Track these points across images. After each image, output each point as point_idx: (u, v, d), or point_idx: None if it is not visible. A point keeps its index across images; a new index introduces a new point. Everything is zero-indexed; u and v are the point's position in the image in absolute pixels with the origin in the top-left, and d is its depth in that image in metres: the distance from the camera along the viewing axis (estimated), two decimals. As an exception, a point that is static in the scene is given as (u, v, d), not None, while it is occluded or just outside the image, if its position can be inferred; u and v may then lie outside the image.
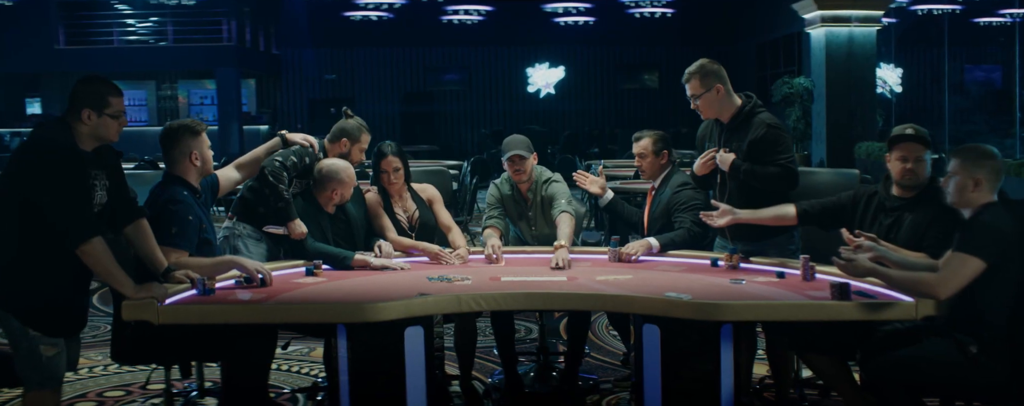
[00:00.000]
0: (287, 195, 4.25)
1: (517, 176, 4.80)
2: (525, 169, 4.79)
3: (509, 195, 4.92)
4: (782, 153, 4.18)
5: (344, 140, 4.54)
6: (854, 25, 13.26)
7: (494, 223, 4.86)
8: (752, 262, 4.21)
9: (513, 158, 4.77)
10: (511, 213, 4.93)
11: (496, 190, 4.96)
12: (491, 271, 4.13)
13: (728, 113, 4.30)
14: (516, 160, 4.77)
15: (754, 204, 4.16)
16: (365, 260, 4.19)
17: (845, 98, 12.84)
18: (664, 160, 4.80)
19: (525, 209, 4.90)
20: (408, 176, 4.71)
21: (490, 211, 4.91)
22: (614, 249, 4.40)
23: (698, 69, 4.26)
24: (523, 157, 4.77)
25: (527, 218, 4.90)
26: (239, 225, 4.41)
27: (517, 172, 4.79)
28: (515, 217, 4.93)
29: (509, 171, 4.82)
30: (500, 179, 5.00)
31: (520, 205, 4.91)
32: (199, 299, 3.53)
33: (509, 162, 4.79)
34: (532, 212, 4.88)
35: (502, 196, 4.92)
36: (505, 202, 4.92)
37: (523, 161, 4.78)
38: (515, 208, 4.92)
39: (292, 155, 4.34)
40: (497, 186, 4.97)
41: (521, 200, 4.90)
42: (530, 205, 4.88)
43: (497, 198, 4.92)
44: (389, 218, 4.61)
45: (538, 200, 4.87)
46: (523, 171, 4.79)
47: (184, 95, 22.72)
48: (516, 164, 4.78)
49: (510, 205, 4.91)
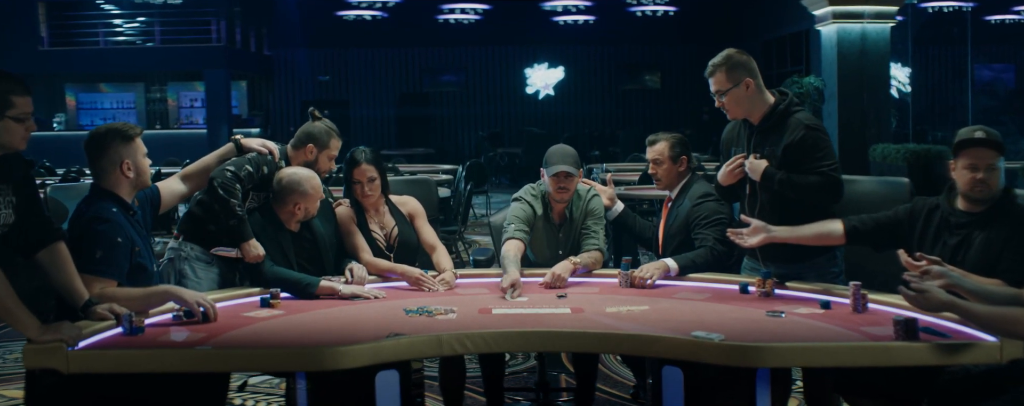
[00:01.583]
0: (240, 211, 3.61)
1: (560, 194, 4.11)
2: (570, 189, 4.12)
3: (540, 215, 4.20)
4: (824, 159, 3.55)
5: (310, 146, 3.90)
6: (867, 21, 12.73)
7: (520, 236, 4.07)
8: (789, 288, 3.58)
9: (560, 175, 4.07)
10: (536, 236, 4.21)
11: (530, 208, 4.18)
12: (480, 301, 3.49)
13: (759, 112, 3.66)
14: (562, 178, 4.08)
15: (790, 219, 3.52)
16: (332, 287, 3.56)
17: (858, 98, 12.30)
18: (683, 167, 4.17)
19: (555, 231, 4.21)
20: (385, 187, 4.07)
21: (516, 223, 4.12)
22: (625, 272, 3.76)
23: (724, 60, 3.63)
24: (571, 175, 4.08)
25: (556, 242, 4.19)
26: (186, 246, 3.78)
27: (561, 191, 4.10)
28: (541, 240, 4.22)
29: (552, 188, 4.11)
30: (530, 193, 4.23)
31: (550, 227, 4.21)
32: (124, 340, 2.91)
33: (554, 179, 4.09)
34: (563, 233, 4.19)
35: (535, 212, 4.18)
36: (535, 221, 4.19)
37: (570, 179, 4.09)
38: (544, 230, 4.21)
39: (247, 164, 3.70)
40: (531, 203, 4.20)
41: (552, 220, 4.21)
42: (562, 225, 4.20)
43: (529, 217, 4.16)
44: (363, 236, 3.98)
45: (575, 220, 4.18)
46: (568, 190, 4.11)
47: (173, 98, 22.24)
48: (562, 182, 4.08)
49: (537, 226, 4.20)
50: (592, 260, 4.07)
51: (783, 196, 3.59)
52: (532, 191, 4.24)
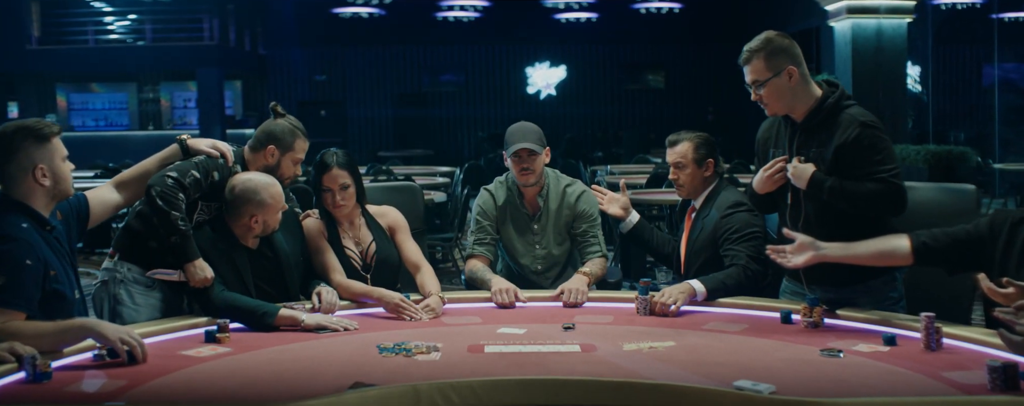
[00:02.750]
0: (183, 226, 3.02)
1: (524, 177, 3.66)
2: (535, 168, 3.65)
3: (506, 204, 3.75)
4: (883, 163, 2.96)
5: (271, 148, 3.30)
6: (883, 16, 12.19)
7: (481, 252, 3.70)
8: (841, 317, 2.98)
9: (520, 153, 3.62)
10: (506, 230, 3.76)
11: (489, 198, 3.79)
12: (471, 335, 2.89)
13: (804, 107, 3.07)
14: (524, 156, 3.62)
15: (840, 234, 2.92)
16: (294, 317, 2.96)
17: (873, 97, 11.74)
18: (709, 171, 3.58)
19: (528, 222, 3.73)
20: (361, 195, 3.48)
21: (477, 233, 3.74)
22: (643, 297, 3.16)
23: (763, 44, 3.03)
24: (533, 152, 3.62)
25: (530, 233, 3.73)
26: (122, 266, 3.19)
27: (524, 172, 3.65)
28: (511, 235, 3.76)
29: (514, 170, 3.68)
30: (495, 184, 3.83)
31: (521, 217, 3.75)
32: (24, 389, 2.33)
33: (515, 158, 3.65)
34: (538, 225, 3.70)
35: (496, 206, 3.76)
36: (501, 215, 3.75)
37: (533, 158, 3.63)
38: (513, 222, 3.76)
39: (193, 169, 3.10)
40: (491, 192, 3.80)
41: (523, 210, 3.74)
42: (537, 216, 3.71)
43: (490, 209, 3.76)
44: (335, 253, 3.39)
45: (551, 211, 3.72)
46: (532, 171, 3.65)
47: (167, 98, 21.82)
48: (524, 161, 3.64)
49: (506, 218, 3.75)
50: (600, 269, 3.63)
51: (832, 207, 3.00)
52: (499, 180, 3.82)
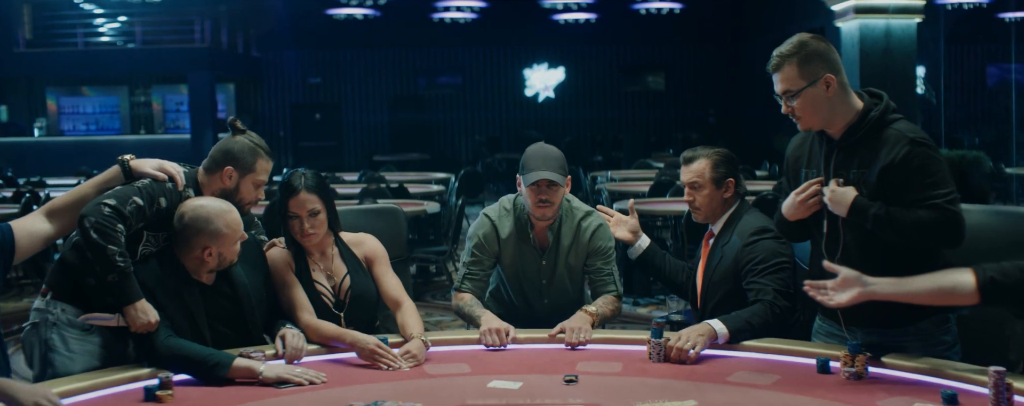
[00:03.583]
0: (122, 262, 2.59)
1: (541, 210, 3.18)
2: (554, 201, 3.18)
3: (512, 237, 3.27)
4: (937, 186, 2.54)
5: (228, 169, 2.87)
6: (891, 16, 11.82)
7: (470, 288, 3.25)
8: (887, 365, 2.57)
9: (540, 184, 3.14)
10: (509, 264, 3.29)
11: (491, 230, 3.28)
12: (459, 388, 2.48)
13: (842, 121, 2.65)
14: (544, 187, 3.15)
15: (886, 268, 2.50)
16: (251, 368, 2.54)
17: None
18: (729, 192, 3.16)
19: (536, 257, 3.27)
20: (334, 222, 3.05)
21: (471, 266, 3.27)
22: (657, 341, 2.74)
23: (796, 48, 2.61)
24: (555, 185, 3.15)
25: (536, 269, 3.28)
26: (56, 306, 2.76)
27: (542, 205, 3.17)
28: (514, 269, 3.30)
29: (530, 201, 3.19)
30: (498, 210, 3.32)
31: (528, 251, 3.28)
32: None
33: (534, 189, 3.16)
34: (546, 261, 3.26)
35: (499, 239, 3.27)
36: (503, 249, 3.28)
37: (554, 190, 3.16)
38: (518, 256, 3.28)
39: (135, 195, 2.68)
40: (494, 222, 3.29)
41: (531, 243, 3.27)
42: (546, 251, 3.27)
43: (491, 242, 3.27)
44: (303, 289, 2.96)
45: (563, 248, 3.27)
46: (551, 204, 3.18)
47: (158, 101, 21.51)
48: (543, 192, 3.15)
49: (510, 251, 3.28)
50: (610, 310, 3.19)
51: (876, 236, 2.59)
52: (504, 206, 3.31)
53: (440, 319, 6.68)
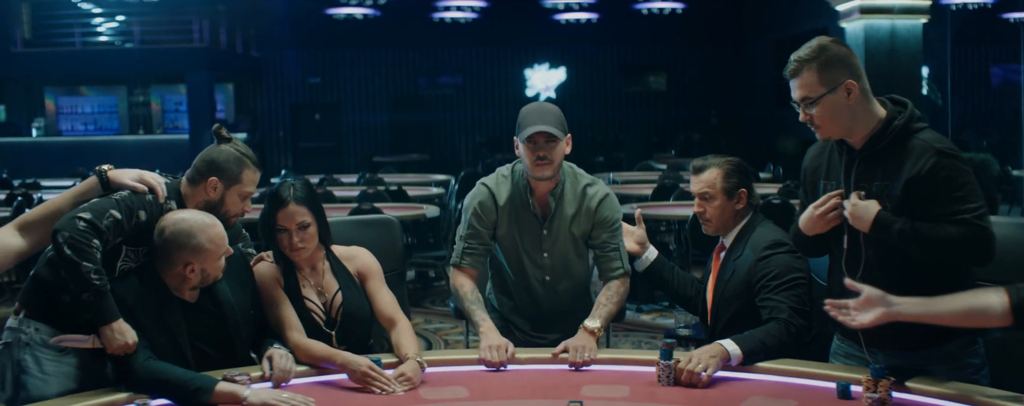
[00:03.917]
0: (97, 280, 2.43)
1: (539, 168, 2.98)
2: (553, 158, 2.98)
3: (510, 203, 3.08)
4: (965, 201, 2.38)
5: (213, 180, 2.71)
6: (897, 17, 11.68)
7: (470, 264, 3.07)
8: (911, 390, 2.41)
9: (536, 138, 2.96)
10: (507, 234, 3.09)
11: (489, 196, 3.10)
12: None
13: (864, 130, 2.50)
14: (541, 142, 2.97)
15: (910, 286, 2.35)
16: (234, 393, 2.39)
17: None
18: (741, 203, 3.00)
19: (536, 226, 3.07)
20: (325, 235, 2.89)
21: (469, 239, 3.08)
22: (666, 363, 2.58)
23: (816, 53, 2.46)
24: (553, 138, 2.97)
25: (537, 239, 3.08)
26: (29, 325, 2.61)
27: (540, 163, 2.97)
28: (513, 240, 3.09)
29: (528, 159, 3.00)
30: (495, 177, 3.15)
31: (528, 219, 3.08)
32: None
33: (530, 144, 2.98)
34: (548, 230, 3.06)
35: (497, 206, 3.09)
36: (501, 217, 3.09)
37: (552, 145, 2.97)
38: (517, 224, 3.08)
39: (113, 208, 2.52)
40: (491, 189, 3.11)
41: (531, 210, 3.08)
42: (547, 219, 3.07)
43: (489, 209, 3.08)
44: (293, 306, 2.80)
45: (566, 216, 3.07)
46: (550, 161, 2.98)
47: (157, 101, 21.39)
48: (541, 148, 2.97)
49: (508, 219, 3.08)
50: (616, 304, 3.04)
51: (899, 252, 2.43)
52: (502, 173, 3.13)
53: (439, 326, 6.54)
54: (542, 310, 3.18)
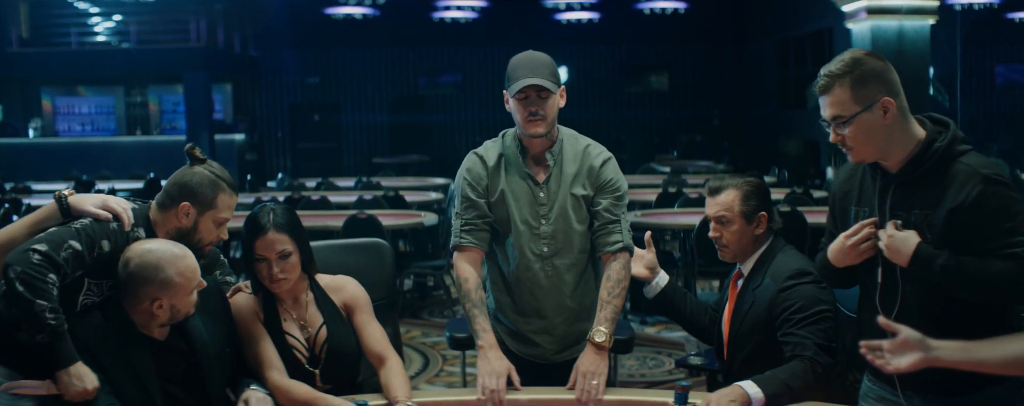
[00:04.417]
0: (53, 320, 2.20)
1: (532, 125, 2.71)
2: (547, 113, 2.71)
3: (501, 165, 2.80)
4: (1017, 233, 2.15)
5: (185, 205, 2.47)
6: (904, 17, 11.52)
7: (472, 242, 2.78)
8: (955, 443, 2.18)
9: (527, 91, 2.71)
10: (501, 200, 2.78)
11: (478, 163, 2.82)
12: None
13: (902, 153, 2.26)
14: (532, 95, 2.71)
15: (951, 326, 2.11)
16: (205, 445, 2.16)
17: (894, 106, 11.03)
18: (760, 228, 2.77)
19: (532, 188, 2.78)
20: (309, 264, 2.65)
21: (465, 214, 2.79)
22: (683, 407, 2.35)
23: (849, 67, 2.22)
24: (545, 91, 2.71)
25: (534, 203, 2.78)
26: (-18, 366, 2.38)
27: (533, 119, 2.70)
28: (507, 205, 2.78)
29: (519, 115, 2.73)
30: (484, 145, 2.88)
31: (523, 181, 2.79)
32: None
33: (520, 98, 2.72)
34: (545, 192, 2.76)
35: (488, 171, 2.80)
36: (494, 182, 2.80)
37: (545, 99, 2.71)
38: (511, 188, 2.78)
39: (72, 239, 2.29)
40: (480, 156, 2.83)
41: (525, 169, 2.79)
42: (546, 180, 2.78)
43: (481, 176, 2.80)
44: (273, 342, 2.57)
45: (566, 176, 2.78)
46: (543, 117, 2.71)
47: (155, 102, 21.23)
48: (532, 102, 2.71)
49: (502, 183, 2.79)
50: (619, 295, 2.75)
51: (939, 289, 2.20)
52: (492, 140, 2.87)
53: (437, 340, 6.30)
54: (540, 303, 2.84)
